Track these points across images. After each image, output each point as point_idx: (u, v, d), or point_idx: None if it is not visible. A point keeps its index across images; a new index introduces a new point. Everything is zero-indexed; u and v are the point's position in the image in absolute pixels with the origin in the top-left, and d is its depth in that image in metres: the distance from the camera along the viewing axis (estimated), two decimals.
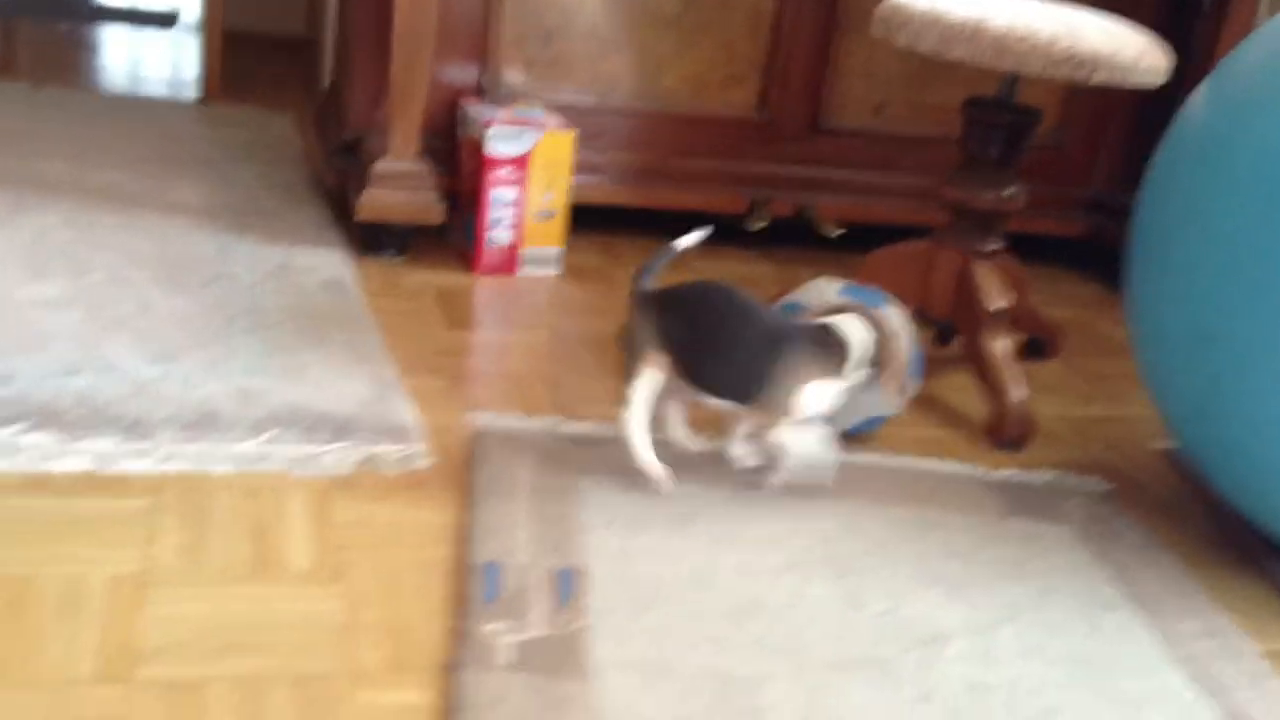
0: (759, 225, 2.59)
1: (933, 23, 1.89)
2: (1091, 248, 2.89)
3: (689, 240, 1.72)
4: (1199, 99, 1.70)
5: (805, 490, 1.64)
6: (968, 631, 1.40)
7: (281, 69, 3.63)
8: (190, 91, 3.20)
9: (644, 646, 1.30)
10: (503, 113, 2.29)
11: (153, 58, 3.54)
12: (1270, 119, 1.52)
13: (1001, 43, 1.84)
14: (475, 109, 2.32)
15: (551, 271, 2.33)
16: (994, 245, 2.11)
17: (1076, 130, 2.84)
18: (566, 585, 1.39)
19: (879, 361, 1.63)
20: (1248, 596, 1.61)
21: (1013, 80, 2.07)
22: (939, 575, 1.51)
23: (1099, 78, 1.84)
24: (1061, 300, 2.67)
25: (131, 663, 1.20)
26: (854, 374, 1.62)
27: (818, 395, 1.58)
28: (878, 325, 1.64)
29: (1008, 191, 2.07)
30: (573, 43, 2.48)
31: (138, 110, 2.94)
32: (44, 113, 2.80)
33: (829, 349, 1.60)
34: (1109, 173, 2.90)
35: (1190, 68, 2.47)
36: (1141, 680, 1.36)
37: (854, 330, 1.62)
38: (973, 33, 1.85)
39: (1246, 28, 2.65)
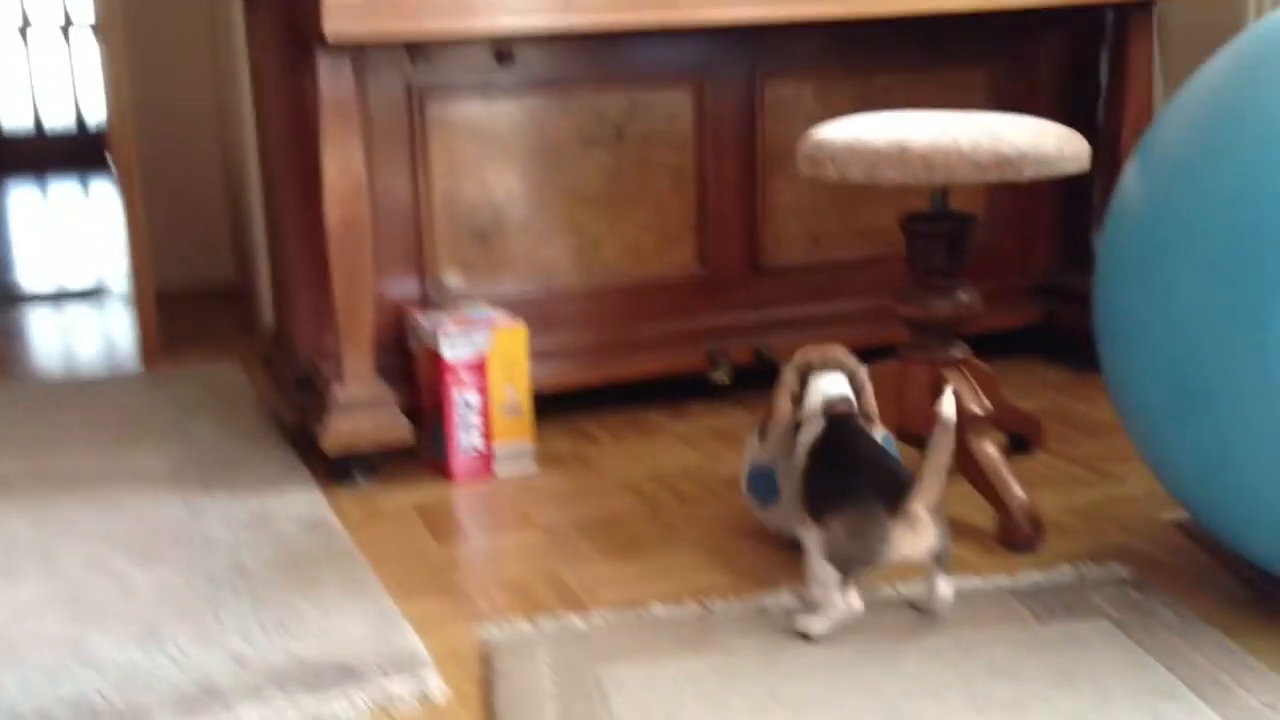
0: (723, 379, 2.57)
1: (858, 152, 1.91)
2: (1043, 333, 2.90)
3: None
4: (1132, 173, 1.72)
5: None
6: None
7: (217, 319, 3.62)
8: (129, 360, 3.18)
9: None
10: (450, 317, 2.29)
11: (84, 334, 3.52)
12: (1207, 178, 1.53)
13: (929, 159, 1.86)
14: (423, 318, 2.32)
15: (527, 468, 2.30)
16: (959, 352, 2.11)
17: (1006, 225, 2.88)
18: None
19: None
20: None
21: (944, 191, 2.09)
22: (991, 698, 1.46)
23: (1028, 173, 1.87)
24: (1031, 388, 2.67)
25: None
26: None
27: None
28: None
29: (961, 298, 2.07)
30: (507, 237, 2.50)
31: (81, 390, 2.91)
32: None
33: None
34: (1046, 259, 2.94)
35: (1099, 147, 2.52)
36: None
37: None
38: (900, 155, 1.87)
39: (1147, 103, 2.72)
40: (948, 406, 1.61)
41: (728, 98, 2.60)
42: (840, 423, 1.72)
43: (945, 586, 1.65)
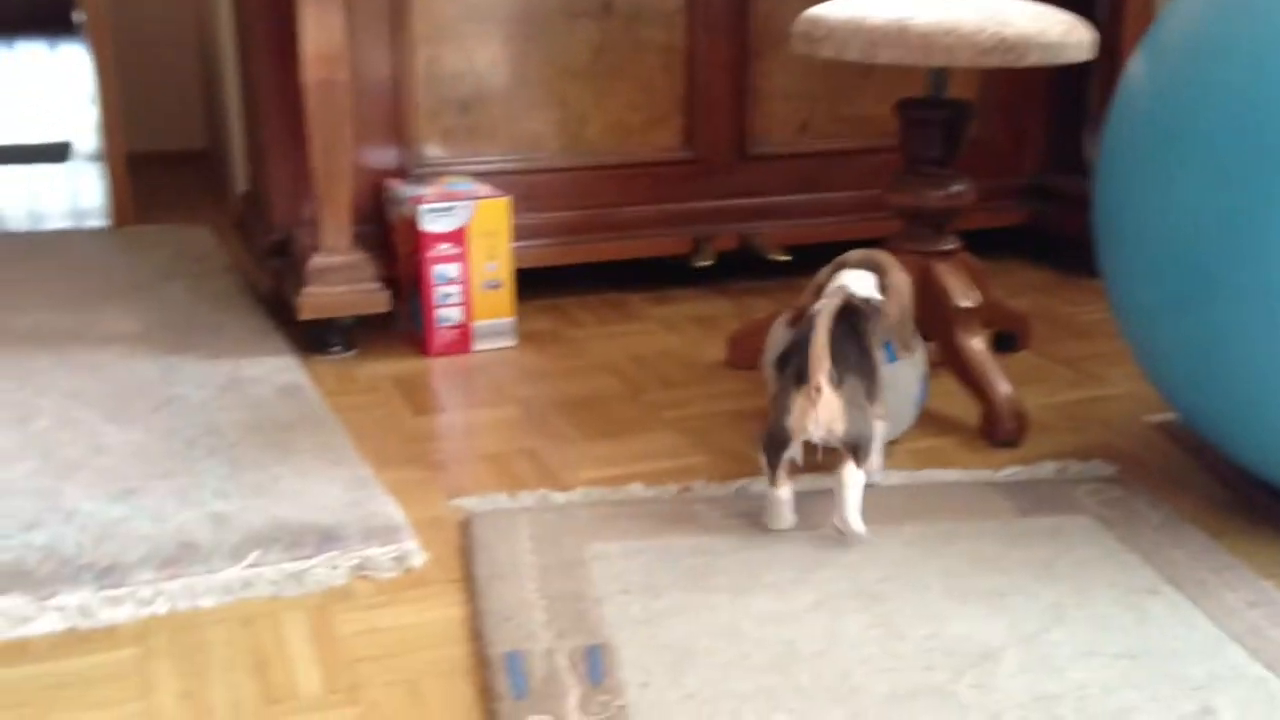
0: (705, 263, 2.54)
1: (855, 29, 1.86)
2: (1031, 233, 2.88)
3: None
4: (1137, 67, 1.68)
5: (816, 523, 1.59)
6: (1018, 642, 1.35)
7: (185, 182, 3.54)
8: (96, 219, 3.10)
9: (691, 714, 1.23)
10: (431, 189, 2.23)
11: (50, 192, 3.43)
12: (1214, 72, 1.50)
13: (928, 39, 1.81)
14: (402, 189, 2.26)
15: (507, 343, 2.26)
16: (950, 244, 2.08)
17: (998, 121, 2.83)
18: (596, 664, 1.31)
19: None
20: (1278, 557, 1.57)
21: (942, 75, 2.04)
22: (972, 588, 1.46)
23: (1031, 59, 1.82)
24: (1017, 290, 2.65)
25: None
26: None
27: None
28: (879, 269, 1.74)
29: (955, 188, 2.04)
30: (490, 108, 2.43)
31: (49, 245, 2.84)
32: None
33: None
34: (1036, 158, 2.90)
35: (1100, 40, 2.47)
36: (1205, 663, 1.31)
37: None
38: (898, 33, 1.82)
39: (1148, 2, 2.67)
40: (845, 283, 1.65)
41: None
42: (838, 311, 1.67)
43: (851, 487, 1.55)
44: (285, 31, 2.23)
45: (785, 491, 1.59)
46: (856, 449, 1.55)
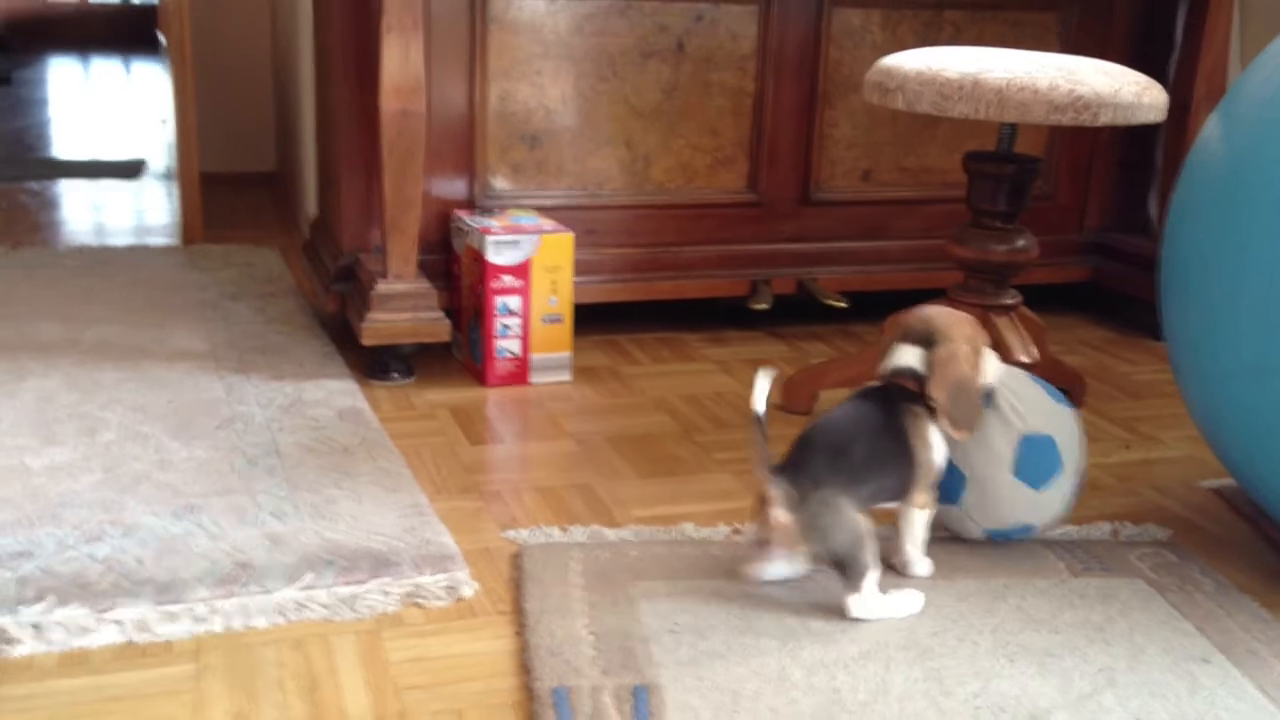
0: (762, 306, 2.55)
1: (929, 81, 1.87)
2: (1092, 291, 2.87)
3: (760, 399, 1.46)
4: (1213, 130, 1.68)
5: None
6: (1068, 705, 1.34)
7: (254, 205, 3.60)
8: (164, 237, 3.16)
9: None
10: (497, 221, 2.26)
11: (122, 209, 3.51)
12: None
13: (1003, 94, 1.82)
14: (468, 220, 2.29)
15: (563, 377, 2.28)
16: (1010, 299, 2.08)
17: (1063, 177, 2.83)
18: (643, 704, 1.32)
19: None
20: None
21: (1013, 130, 2.05)
22: (1023, 646, 1.45)
23: (1104, 118, 1.83)
24: (1074, 347, 2.64)
25: None
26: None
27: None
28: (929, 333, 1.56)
29: (1019, 243, 2.04)
30: (558, 144, 2.46)
31: (119, 261, 2.90)
32: (23, 274, 2.75)
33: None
34: (1100, 216, 2.89)
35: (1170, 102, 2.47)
36: None
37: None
38: (972, 87, 1.83)
39: (1221, 67, 2.66)
40: (758, 396, 1.44)
41: (794, 19, 2.54)
42: (866, 393, 1.57)
43: (851, 610, 1.47)
44: (364, 60, 2.28)
45: (769, 569, 1.55)
46: (838, 566, 1.46)
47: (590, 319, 2.46)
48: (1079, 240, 2.86)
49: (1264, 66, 1.64)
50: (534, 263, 2.22)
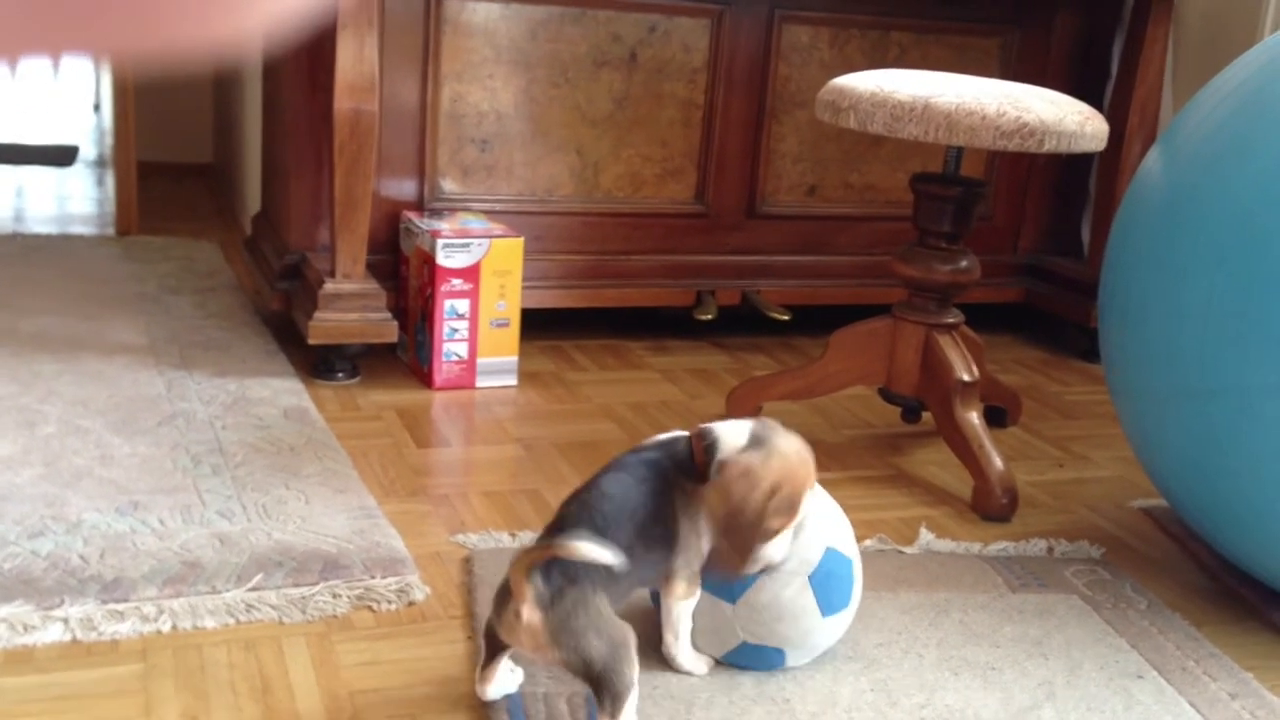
0: (707, 316, 2.57)
1: (881, 103, 1.91)
2: (1024, 311, 2.93)
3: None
4: (1154, 162, 1.73)
5: None
6: (1010, 717, 1.37)
7: (190, 198, 3.55)
8: (95, 227, 3.11)
9: None
10: (447, 224, 2.26)
11: (42, 195, 3.44)
12: (1240, 172, 1.55)
13: (952, 118, 1.86)
14: (419, 222, 2.29)
15: (509, 382, 2.29)
16: (953, 318, 2.12)
17: (1001, 200, 2.89)
18: (595, 711, 1.33)
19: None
20: (1260, 650, 1.60)
21: (958, 155, 2.09)
22: (966, 660, 1.48)
23: (1048, 146, 1.87)
24: (1008, 366, 2.70)
25: None
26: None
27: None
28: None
29: (963, 264, 2.09)
30: (509, 148, 2.47)
31: (51, 249, 2.85)
32: None
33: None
34: (1034, 238, 2.96)
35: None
36: None
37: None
38: (923, 111, 1.87)
39: (1156, 93, 2.74)
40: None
41: (745, 34, 2.57)
42: (658, 449, 1.33)
43: None
44: (317, 57, 2.27)
45: (491, 689, 1.32)
46: (591, 682, 1.21)
47: (536, 325, 2.46)
48: (1013, 261, 2.92)
49: (1204, 103, 1.70)
50: (483, 266, 2.22)
